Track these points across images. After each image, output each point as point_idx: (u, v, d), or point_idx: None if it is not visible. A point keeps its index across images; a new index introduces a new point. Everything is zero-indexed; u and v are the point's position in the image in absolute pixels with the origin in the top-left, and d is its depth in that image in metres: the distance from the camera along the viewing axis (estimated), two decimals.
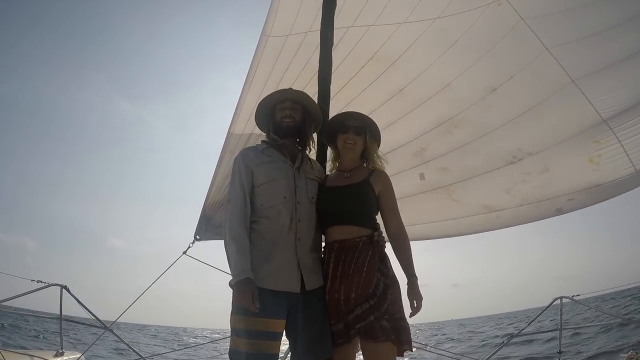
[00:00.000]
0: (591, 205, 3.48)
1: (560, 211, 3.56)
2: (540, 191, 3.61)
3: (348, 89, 3.77)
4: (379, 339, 2.12)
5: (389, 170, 3.95)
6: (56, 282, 4.00)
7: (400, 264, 2.33)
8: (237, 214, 2.28)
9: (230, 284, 2.19)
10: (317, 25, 3.28)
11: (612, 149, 3.37)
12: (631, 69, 3.31)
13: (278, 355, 2.18)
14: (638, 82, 3.31)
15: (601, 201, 3.45)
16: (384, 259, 2.32)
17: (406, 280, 2.29)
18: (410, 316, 2.24)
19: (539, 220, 3.71)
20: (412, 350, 2.28)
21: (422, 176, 3.87)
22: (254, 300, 2.09)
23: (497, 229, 3.86)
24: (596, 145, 3.40)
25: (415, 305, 2.23)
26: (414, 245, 2.45)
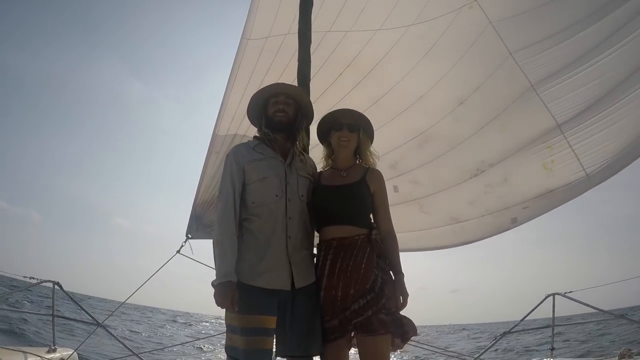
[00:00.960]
0: (543, 213, 3.51)
1: (515, 221, 3.60)
2: (500, 201, 3.67)
3: (327, 96, 3.85)
4: (377, 332, 2.15)
5: None
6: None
7: (389, 261, 2.38)
8: (225, 214, 2.32)
9: (213, 284, 2.24)
10: (296, 28, 3.37)
11: (564, 154, 3.42)
12: (582, 70, 3.38)
13: (272, 350, 2.26)
14: (588, 84, 3.37)
15: (553, 208, 3.48)
16: (382, 255, 2.36)
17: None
18: (393, 311, 2.26)
19: (498, 233, 3.74)
20: (416, 334, 2.30)
21: (396, 188, 3.92)
22: (234, 304, 2.16)
23: (464, 243, 3.90)
24: (549, 151, 3.46)
25: (402, 301, 2.27)
26: None
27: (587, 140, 3.37)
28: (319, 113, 3.67)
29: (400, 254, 2.41)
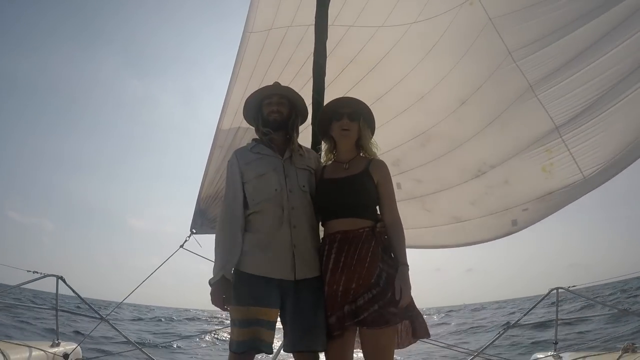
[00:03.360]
0: (543, 217, 3.54)
1: (515, 224, 3.61)
2: (501, 202, 3.68)
3: (330, 92, 3.69)
4: (389, 324, 2.13)
5: None
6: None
7: (394, 252, 2.34)
8: (225, 214, 2.43)
9: (210, 283, 2.34)
10: (299, 20, 3.39)
11: (562, 157, 3.44)
12: (579, 70, 3.35)
13: (272, 342, 2.28)
14: (585, 85, 3.34)
15: (552, 212, 3.50)
16: (387, 249, 2.33)
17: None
18: (399, 304, 2.20)
19: (502, 236, 3.74)
20: (429, 337, 2.29)
21: (399, 185, 3.89)
22: (226, 302, 2.30)
23: (466, 244, 3.90)
24: (548, 154, 3.47)
25: (404, 293, 2.19)
26: None
27: (585, 144, 3.37)
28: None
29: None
